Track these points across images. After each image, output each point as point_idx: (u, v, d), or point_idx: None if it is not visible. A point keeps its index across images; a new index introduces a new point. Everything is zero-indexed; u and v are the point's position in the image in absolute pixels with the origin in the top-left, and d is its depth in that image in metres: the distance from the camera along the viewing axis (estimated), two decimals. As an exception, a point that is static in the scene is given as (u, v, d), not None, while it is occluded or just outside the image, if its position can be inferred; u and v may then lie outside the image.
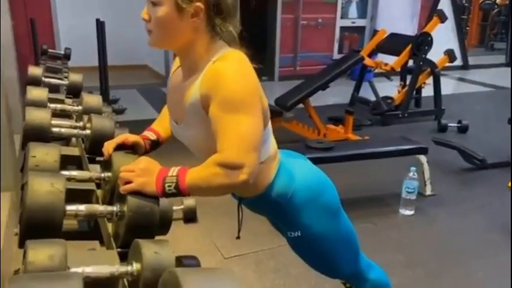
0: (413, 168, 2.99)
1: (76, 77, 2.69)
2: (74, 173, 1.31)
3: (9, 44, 3.33)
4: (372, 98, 5.14)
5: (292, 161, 1.40)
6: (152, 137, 1.39)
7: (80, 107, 2.01)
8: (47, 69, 3.26)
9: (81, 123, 1.82)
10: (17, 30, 5.02)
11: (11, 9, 4.87)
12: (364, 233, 2.75)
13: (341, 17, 7.31)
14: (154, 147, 1.41)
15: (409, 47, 4.87)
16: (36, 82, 2.50)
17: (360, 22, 7.46)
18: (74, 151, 1.80)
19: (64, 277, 0.73)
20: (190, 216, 2.82)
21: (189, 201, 2.83)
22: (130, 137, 1.34)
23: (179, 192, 1.13)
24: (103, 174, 1.34)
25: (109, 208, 1.15)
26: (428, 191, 3.28)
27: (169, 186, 1.12)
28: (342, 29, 7.35)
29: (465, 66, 8.77)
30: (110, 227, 1.23)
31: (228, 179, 1.11)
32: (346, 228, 1.48)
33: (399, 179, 3.05)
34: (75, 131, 1.74)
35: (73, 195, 1.35)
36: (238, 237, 1.54)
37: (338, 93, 5.99)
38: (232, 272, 0.81)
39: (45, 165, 1.21)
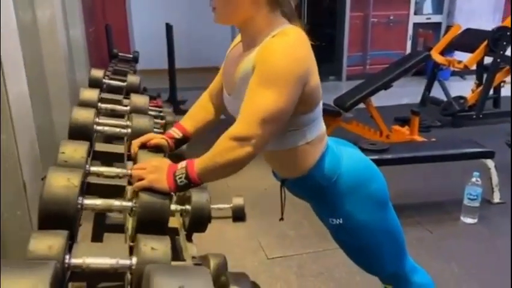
0: (476, 174, 2.77)
1: (133, 79, 2.82)
2: (102, 169, 1.39)
3: (81, 49, 3.59)
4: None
5: (342, 147, 1.39)
6: (178, 135, 1.43)
7: (128, 107, 2.12)
8: (115, 72, 3.48)
9: (127, 123, 1.93)
10: (96, 35, 5.43)
11: (91, 16, 5.27)
12: (417, 240, 2.65)
13: (415, 13, 6.97)
14: (180, 144, 1.45)
15: (485, 43, 4.52)
16: (97, 84, 2.68)
17: (436, 18, 7.06)
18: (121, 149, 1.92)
19: (36, 265, 0.78)
20: (238, 215, 2.86)
21: (238, 200, 2.87)
22: (153, 138, 1.39)
23: (190, 181, 1.16)
24: (129, 171, 1.40)
25: (124, 203, 1.20)
26: (496, 199, 3.03)
27: (179, 178, 1.15)
28: (416, 25, 7.01)
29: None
30: (130, 222, 1.29)
31: (236, 153, 1.12)
32: (392, 224, 1.43)
33: (463, 185, 2.85)
34: (117, 130, 1.84)
35: (105, 190, 1.45)
36: (281, 219, 1.54)
37: (411, 93, 5.74)
38: (206, 270, 0.82)
39: (73, 161, 1.30)
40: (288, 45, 1.13)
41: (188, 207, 1.90)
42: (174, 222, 2.11)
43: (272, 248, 2.57)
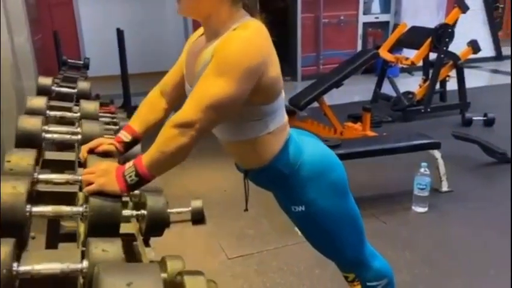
0: (424, 164, 2.90)
1: (83, 85, 2.77)
2: (52, 176, 1.37)
3: (28, 56, 3.49)
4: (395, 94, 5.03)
5: (304, 138, 1.43)
6: (127, 138, 1.42)
7: (78, 114, 2.09)
8: (65, 79, 3.40)
9: (77, 129, 1.90)
10: (44, 42, 5.27)
11: (38, 23, 5.11)
12: (373, 231, 2.72)
13: (364, 13, 7.20)
14: (130, 146, 1.44)
15: (429, 40, 4.73)
16: (45, 91, 2.61)
17: (384, 17, 7.32)
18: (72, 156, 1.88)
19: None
20: (197, 218, 2.86)
21: (196, 203, 2.87)
22: (102, 143, 1.38)
23: (141, 177, 1.16)
24: (79, 177, 1.38)
25: (75, 209, 1.19)
26: (445, 187, 3.18)
27: (129, 176, 1.16)
28: (366, 25, 7.24)
29: (499, 57, 8.44)
30: (82, 227, 1.28)
31: (180, 140, 1.13)
32: (353, 212, 1.49)
33: (413, 176, 2.97)
34: (67, 137, 1.81)
35: (57, 198, 1.43)
36: (246, 210, 1.58)
37: (363, 91, 5.92)
38: (156, 267, 0.83)
39: (19, 169, 1.27)
40: (246, 37, 1.16)
41: (144, 212, 1.89)
42: (131, 227, 2.10)
43: (232, 248, 2.59)
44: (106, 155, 1.37)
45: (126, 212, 1.84)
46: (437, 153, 3.11)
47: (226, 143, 1.38)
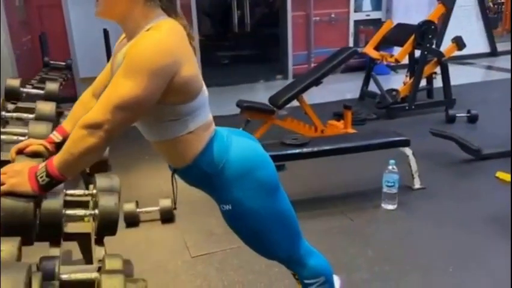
0: (391, 161, 2.90)
1: (51, 86, 2.82)
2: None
3: (6, 59, 3.53)
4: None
5: (235, 137, 1.44)
6: (58, 138, 1.45)
7: (33, 115, 2.12)
8: (40, 80, 3.44)
9: (26, 130, 1.93)
10: (32, 45, 5.33)
11: (25, 26, 5.17)
12: (338, 228, 2.75)
13: (355, 11, 7.17)
14: (60, 148, 1.47)
15: (412, 37, 4.71)
16: (13, 93, 2.65)
17: (376, 15, 7.28)
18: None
19: None
20: (166, 217, 2.89)
21: (165, 202, 2.89)
22: (31, 144, 1.40)
23: (52, 178, 1.18)
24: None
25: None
26: (417, 185, 3.17)
27: (41, 177, 1.18)
28: (357, 22, 7.21)
29: (493, 53, 8.37)
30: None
31: (89, 141, 1.15)
32: (283, 210, 1.49)
33: (383, 173, 2.97)
34: (14, 138, 1.84)
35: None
36: (175, 208, 1.69)
37: (352, 88, 5.90)
38: (26, 267, 0.85)
39: None
40: (156, 37, 1.18)
41: (96, 211, 1.92)
42: (87, 227, 2.13)
43: (197, 246, 2.61)
44: (35, 155, 1.40)
45: (79, 212, 1.87)
46: (407, 151, 3.10)
47: (152, 143, 1.40)
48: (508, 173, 2.77)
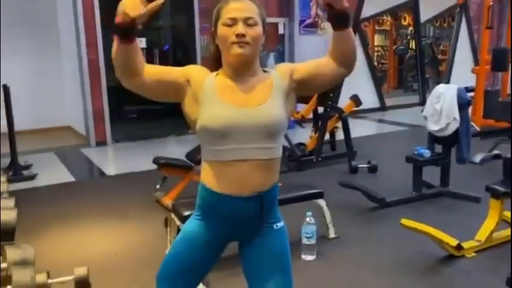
0: (308, 213, 3.06)
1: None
2: None
3: None
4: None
5: None
6: None
7: None
8: None
9: None
10: None
11: None
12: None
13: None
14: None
15: (315, 96, 5.11)
16: None
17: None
18: None
19: None
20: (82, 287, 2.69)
21: (81, 270, 2.71)
22: None
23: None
24: None
25: None
26: (332, 234, 3.35)
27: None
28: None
29: (383, 108, 9.32)
30: None
31: None
32: None
33: (301, 225, 3.09)
34: None
35: None
36: None
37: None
38: None
39: None
40: None
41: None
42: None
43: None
44: None
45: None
46: (321, 202, 3.29)
47: (254, 165, 1.44)
48: (411, 220, 3.07)
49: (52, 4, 7.35)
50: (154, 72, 1.45)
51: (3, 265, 2.02)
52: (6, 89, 4.83)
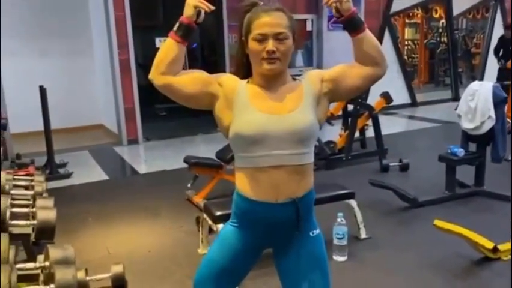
0: (340, 214, 3.05)
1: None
2: None
3: None
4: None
5: None
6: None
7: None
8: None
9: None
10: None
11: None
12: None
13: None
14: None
15: (345, 92, 5.06)
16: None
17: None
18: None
19: None
20: (118, 284, 2.75)
21: (117, 268, 2.78)
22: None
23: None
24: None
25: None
26: (363, 235, 3.33)
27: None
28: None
29: (414, 104, 9.14)
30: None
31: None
32: None
33: (332, 226, 3.09)
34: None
35: None
36: None
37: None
38: None
39: None
40: None
41: (52, 286, 1.83)
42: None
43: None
44: None
45: (32, 288, 1.78)
46: (353, 203, 3.28)
47: (289, 170, 1.45)
48: (444, 221, 3.01)
49: (84, 5, 7.52)
50: (187, 75, 1.50)
51: (46, 263, 2.10)
52: (42, 90, 4.98)
